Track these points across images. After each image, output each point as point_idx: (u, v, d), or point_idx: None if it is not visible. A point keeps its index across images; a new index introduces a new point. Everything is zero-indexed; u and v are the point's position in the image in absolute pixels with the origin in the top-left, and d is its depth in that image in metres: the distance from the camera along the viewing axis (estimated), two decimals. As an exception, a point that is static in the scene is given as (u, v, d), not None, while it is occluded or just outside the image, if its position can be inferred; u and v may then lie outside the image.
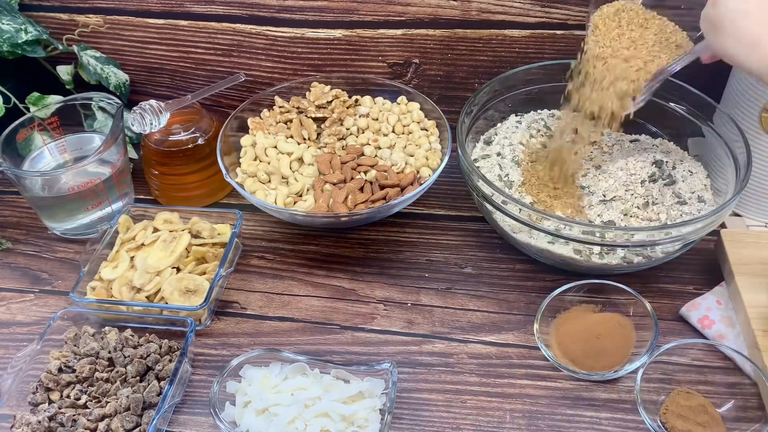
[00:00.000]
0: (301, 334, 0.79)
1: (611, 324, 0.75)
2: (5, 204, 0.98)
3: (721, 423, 0.67)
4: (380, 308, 0.82)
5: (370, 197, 0.85)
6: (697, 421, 0.67)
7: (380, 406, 0.69)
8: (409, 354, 0.76)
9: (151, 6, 0.99)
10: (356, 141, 0.93)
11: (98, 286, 0.81)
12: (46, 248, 0.91)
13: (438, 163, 0.88)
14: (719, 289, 0.79)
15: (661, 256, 0.78)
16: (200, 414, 0.72)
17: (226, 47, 1.02)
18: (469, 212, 0.92)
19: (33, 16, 1.01)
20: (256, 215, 0.93)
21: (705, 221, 0.73)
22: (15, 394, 0.71)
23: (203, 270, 0.82)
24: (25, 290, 0.86)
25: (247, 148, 0.91)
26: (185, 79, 1.06)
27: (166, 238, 0.84)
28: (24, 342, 0.79)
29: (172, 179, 0.94)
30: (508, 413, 0.71)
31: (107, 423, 0.68)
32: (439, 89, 1.03)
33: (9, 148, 0.89)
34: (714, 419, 0.68)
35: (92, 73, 1.02)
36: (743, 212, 0.89)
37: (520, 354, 0.76)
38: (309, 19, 0.98)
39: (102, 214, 0.91)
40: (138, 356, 0.73)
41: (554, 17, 0.94)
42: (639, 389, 0.68)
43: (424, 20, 0.96)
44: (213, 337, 0.79)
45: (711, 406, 0.69)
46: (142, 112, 0.88)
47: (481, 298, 0.82)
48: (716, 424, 0.67)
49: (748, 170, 0.77)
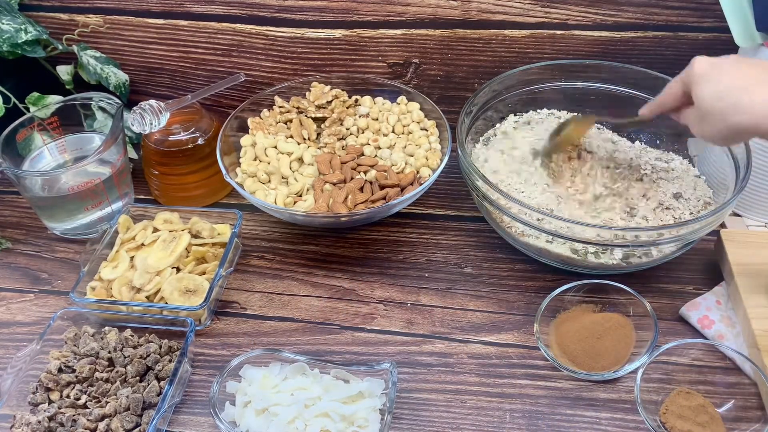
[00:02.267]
0: (301, 334, 0.79)
1: (611, 324, 0.75)
2: (5, 204, 0.98)
3: (720, 423, 0.67)
4: (380, 308, 0.82)
5: (370, 197, 0.85)
6: (696, 421, 0.67)
7: (380, 406, 0.69)
8: (409, 354, 0.76)
9: (151, 6, 0.99)
10: (356, 141, 0.93)
11: (98, 286, 0.81)
12: (46, 248, 0.91)
13: (438, 163, 0.88)
14: (719, 289, 0.79)
15: (661, 255, 0.78)
16: (200, 414, 0.72)
17: (226, 47, 1.02)
18: (469, 212, 0.92)
19: (33, 16, 1.01)
20: (256, 215, 0.93)
21: (705, 221, 0.73)
22: (15, 394, 0.71)
23: (203, 270, 0.82)
24: (25, 290, 0.86)
25: (247, 148, 0.91)
26: (185, 79, 1.06)
27: (166, 238, 0.84)
28: (24, 342, 0.79)
29: (172, 179, 0.94)
30: (508, 413, 0.71)
31: (107, 423, 0.68)
32: (439, 89, 1.03)
33: (9, 148, 0.89)
34: (714, 419, 0.68)
35: (92, 73, 1.02)
36: (743, 212, 0.89)
37: (520, 354, 0.76)
38: (309, 19, 0.98)
39: (102, 214, 0.91)
40: (138, 356, 0.73)
41: (554, 17, 0.94)
42: (639, 389, 0.68)
43: (424, 20, 0.96)
44: (213, 337, 0.79)
45: (711, 406, 0.69)
46: (142, 112, 0.88)
47: (481, 298, 0.82)
48: (716, 424, 0.67)
49: (748, 170, 0.77)
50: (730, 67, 0.64)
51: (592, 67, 0.92)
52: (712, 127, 0.65)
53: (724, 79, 0.63)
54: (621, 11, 0.92)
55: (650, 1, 0.91)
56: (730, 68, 0.64)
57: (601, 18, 0.93)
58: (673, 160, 0.89)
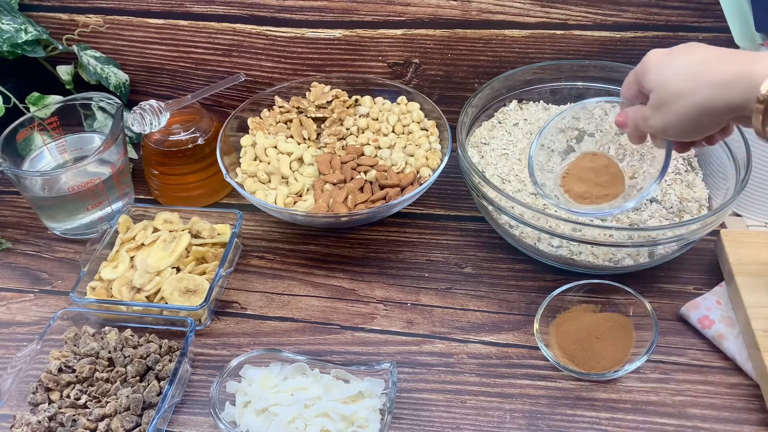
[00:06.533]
0: (301, 334, 0.79)
1: (611, 324, 0.75)
2: (5, 204, 0.98)
3: (621, 181, 0.64)
4: (380, 308, 0.82)
5: (370, 197, 0.85)
6: (596, 181, 0.65)
7: (380, 406, 0.69)
8: (409, 354, 0.76)
9: (151, 6, 0.99)
10: (356, 141, 0.93)
11: (98, 286, 0.81)
12: (46, 248, 0.91)
13: (438, 163, 0.88)
14: (719, 289, 0.79)
15: (661, 255, 0.78)
16: (200, 414, 0.72)
17: (226, 47, 1.02)
18: (469, 212, 0.92)
19: (33, 16, 1.01)
20: (256, 215, 0.93)
21: (705, 221, 0.73)
22: (15, 394, 0.71)
23: (203, 270, 0.82)
24: (24, 290, 0.86)
25: (247, 148, 0.92)
26: (185, 79, 1.06)
27: (166, 238, 0.84)
28: (24, 342, 0.79)
29: (172, 179, 0.94)
30: (508, 413, 0.71)
31: (107, 423, 0.68)
32: (439, 89, 1.03)
33: (9, 148, 0.89)
34: (615, 178, 0.64)
35: (92, 73, 1.02)
36: (743, 212, 0.89)
37: (520, 354, 0.76)
38: (309, 19, 0.98)
39: (102, 214, 0.91)
40: (138, 356, 0.73)
41: (554, 17, 0.94)
42: None
43: (424, 20, 0.96)
44: (213, 337, 0.79)
45: (616, 165, 0.65)
46: (142, 112, 0.88)
47: (481, 298, 0.82)
48: (616, 182, 0.64)
49: (748, 170, 0.77)
50: (684, 49, 0.62)
51: (592, 67, 0.93)
52: (672, 112, 0.61)
53: (681, 59, 0.61)
54: (621, 11, 0.92)
55: (650, 1, 0.92)
56: (685, 50, 0.61)
57: (601, 18, 0.93)
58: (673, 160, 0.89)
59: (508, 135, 0.90)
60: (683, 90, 0.60)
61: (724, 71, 0.58)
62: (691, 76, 0.59)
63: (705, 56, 0.60)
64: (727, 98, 0.57)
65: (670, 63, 0.62)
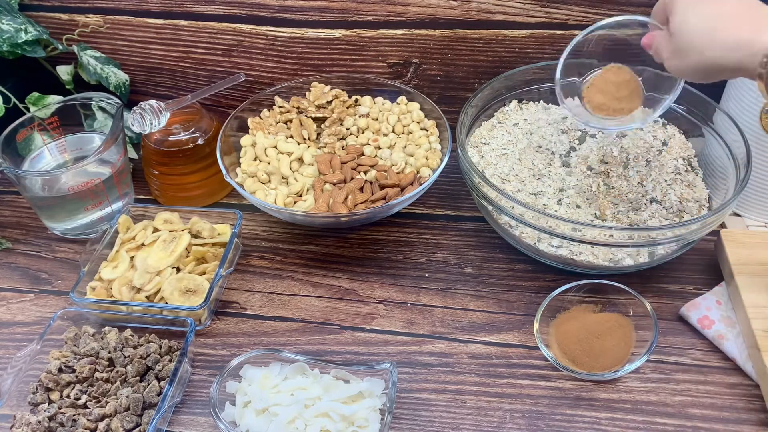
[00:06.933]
0: (301, 334, 0.79)
1: (611, 324, 0.75)
2: (5, 204, 0.98)
3: (639, 97, 0.67)
4: (380, 308, 0.82)
5: (370, 197, 0.85)
6: (615, 95, 0.67)
7: (380, 406, 0.69)
8: (409, 354, 0.76)
9: (151, 6, 0.99)
10: (356, 141, 0.93)
11: (98, 286, 0.81)
12: (46, 248, 0.91)
13: (438, 163, 0.88)
14: (719, 289, 0.79)
15: (661, 255, 0.78)
16: (200, 414, 0.72)
17: (226, 47, 1.02)
18: (469, 212, 0.92)
19: (33, 16, 1.01)
20: (256, 215, 0.93)
21: (705, 221, 0.73)
22: (15, 394, 0.71)
23: (203, 270, 0.82)
24: (24, 290, 0.86)
25: (247, 148, 0.92)
26: (185, 79, 1.06)
27: (166, 238, 0.84)
28: (24, 342, 0.79)
29: (172, 179, 0.94)
30: (508, 413, 0.71)
31: (107, 423, 0.68)
32: (439, 89, 1.03)
33: (9, 148, 0.89)
34: (633, 93, 0.67)
35: (92, 73, 1.02)
36: (743, 212, 0.89)
37: (520, 354, 0.76)
38: (309, 19, 0.98)
39: (102, 214, 0.91)
40: (138, 356, 0.73)
41: (554, 17, 0.94)
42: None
43: (424, 20, 0.96)
44: (213, 337, 0.79)
45: (636, 81, 0.69)
46: (142, 112, 0.88)
47: (481, 298, 0.82)
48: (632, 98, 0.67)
49: (748, 170, 0.77)
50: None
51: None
52: (686, 62, 0.62)
53: (707, 9, 0.61)
54: (621, 11, 0.92)
55: (650, 1, 0.91)
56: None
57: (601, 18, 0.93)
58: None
59: (508, 135, 0.90)
60: (696, 45, 0.61)
61: (736, 35, 0.59)
62: (706, 32, 0.60)
63: (729, 10, 0.60)
64: (735, 60, 0.59)
65: (694, 8, 0.62)
